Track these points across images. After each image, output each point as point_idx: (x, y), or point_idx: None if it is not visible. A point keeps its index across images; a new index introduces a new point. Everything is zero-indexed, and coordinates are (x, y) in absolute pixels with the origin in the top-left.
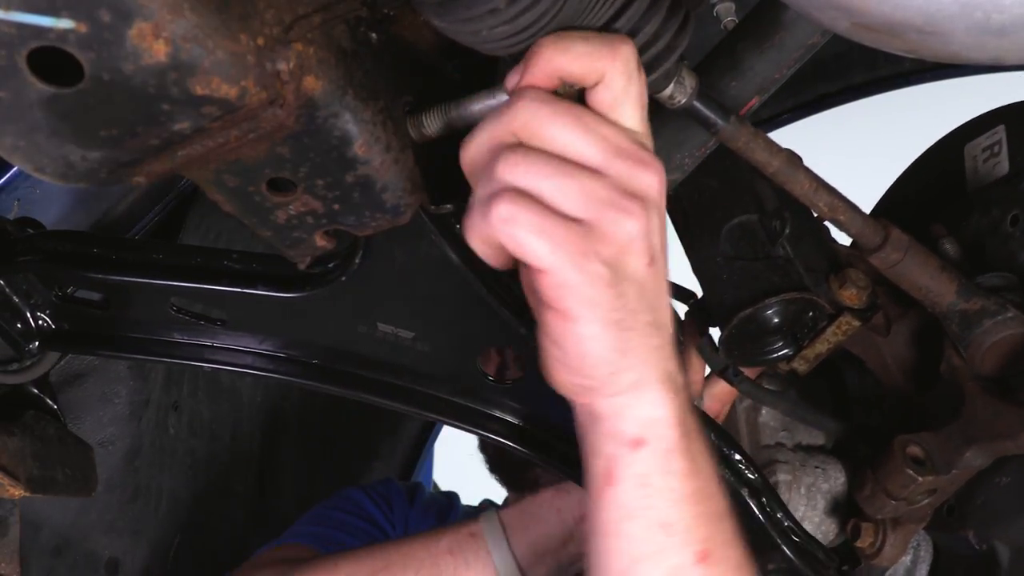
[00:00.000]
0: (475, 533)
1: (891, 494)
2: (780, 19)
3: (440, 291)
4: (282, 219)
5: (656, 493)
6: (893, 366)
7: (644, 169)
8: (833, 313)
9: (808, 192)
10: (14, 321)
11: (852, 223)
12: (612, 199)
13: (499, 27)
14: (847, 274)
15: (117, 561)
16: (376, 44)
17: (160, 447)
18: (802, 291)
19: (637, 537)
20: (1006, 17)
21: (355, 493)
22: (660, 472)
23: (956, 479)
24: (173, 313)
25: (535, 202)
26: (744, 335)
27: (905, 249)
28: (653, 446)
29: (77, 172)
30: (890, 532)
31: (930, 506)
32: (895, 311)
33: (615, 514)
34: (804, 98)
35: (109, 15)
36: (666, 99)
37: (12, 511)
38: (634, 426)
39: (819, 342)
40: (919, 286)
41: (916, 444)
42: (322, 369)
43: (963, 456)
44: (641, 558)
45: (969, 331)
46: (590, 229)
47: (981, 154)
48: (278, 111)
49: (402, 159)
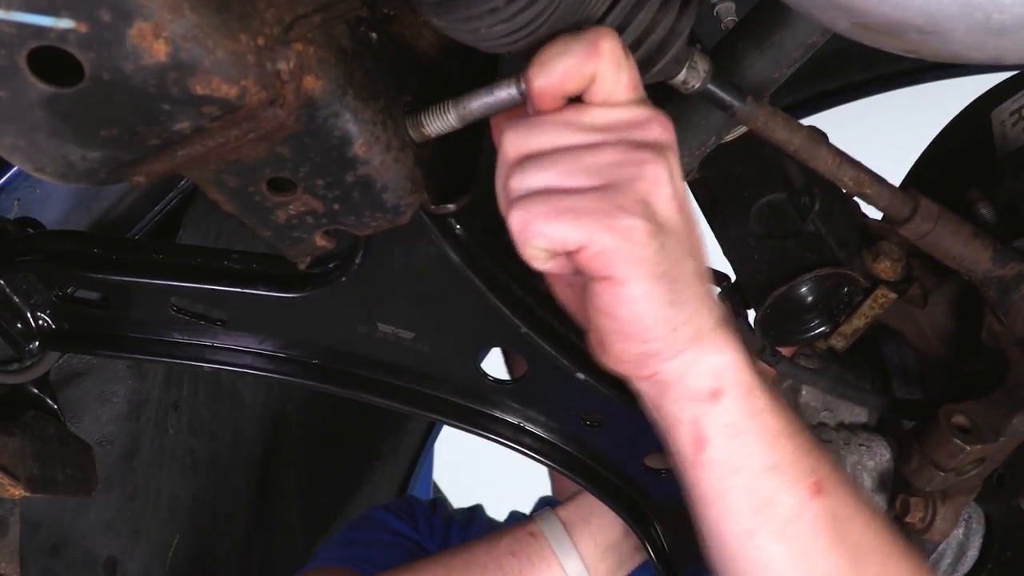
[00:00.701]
0: (535, 533)
1: (939, 465)
2: (780, 18)
3: (440, 291)
4: (282, 219)
5: (751, 438)
6: (933, 337)
7: (645, 125)
8: (868, 287)
9: (832, 168)
10: (14, 321)
11: (879, 196)
12: (620, 159)
13: (498, 25)
14: (880, 247)
15: (115, 561)
16: (376, 44)
17: (159, 447)
18: (836, 266)
19: (749, 489)
20: (1006, 17)
21: (376, 512)
22: (748, 415)
23: (1004, 447)
24: (173, 313)
25: (544, 193)
26: (779, 314)
27: (935, 218)
28: (732, 392)
29: (77, 172)
30: (940, 506)
31: (979, 476)
32: (931, 281)
33: (717, 474)
34: (803, 97)
35: (109, 15)
36: (680, 84)
37: (12, 511)
38: (708, 379)
39: (856, 317)
40: (953, 255)
41: (961, 413)
42: (322, 369)
43: (1010, 423)
44: (760, 508)
45: (1007, 296)
46: (607, 189)
47: (1009, 119)
48: (278, 111)
49: (402, 159)
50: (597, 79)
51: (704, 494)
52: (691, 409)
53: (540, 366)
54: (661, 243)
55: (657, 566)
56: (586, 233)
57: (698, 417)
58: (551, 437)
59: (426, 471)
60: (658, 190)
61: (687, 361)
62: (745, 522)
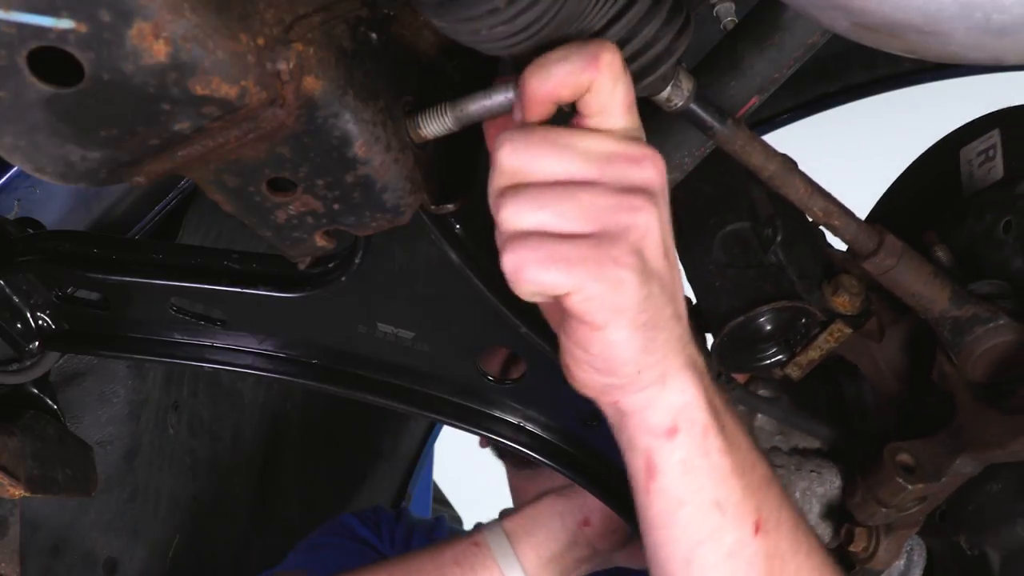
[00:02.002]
0: (479, 543)
1: (882, 501)
2: (780, 19)
3: (440, 291)
4: (282, 219)
5: (701, 475)
6: (887, 372)
7: (639, 164)
8: (825, 320)
9: (803, 197)
10: (14, 321)
11: (846, 228)
12: (614, 203)
13: (499, 27)
14: (840, 280)
15: (115, 561)
16: (376, 44)
17: (159, 447)
18: (793, 299)
19: (692, 521)
20: (1006, 17)
21: (346, 519)
22: (700, 454)
23: (947, 486)
24: (173, 313)
25: (538, 237)
26: (737, 342)
27: (899, 255)
28: (687, 431)
29: (77, 172)
30: (883, 537)
31: (921, 512)
32: (889, 317)
33: (665, 504)
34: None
35: (109, 15)
36: (663, 102)
37: (12, 511)
38: (666, 416)
39: (812, 348)
40: (912, 292)
41: (906, 452)
42: (322, 369)
43: (953, 464)
44: (701, 541)
45: (961, 338)
46: (601, 238)
47: (976, 158)
48: (278, 111)
49: (402, 159)
50: (592, 90)
51: (651, 520)
52: (646, 441)
53: (540, 366)
54: (647, 292)
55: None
56: (576, 282)
57: (652, 449)
58: (551, 437)
59: (426, 471)
60: (649, 239)
61: (648, 397)
62: (685, 552)
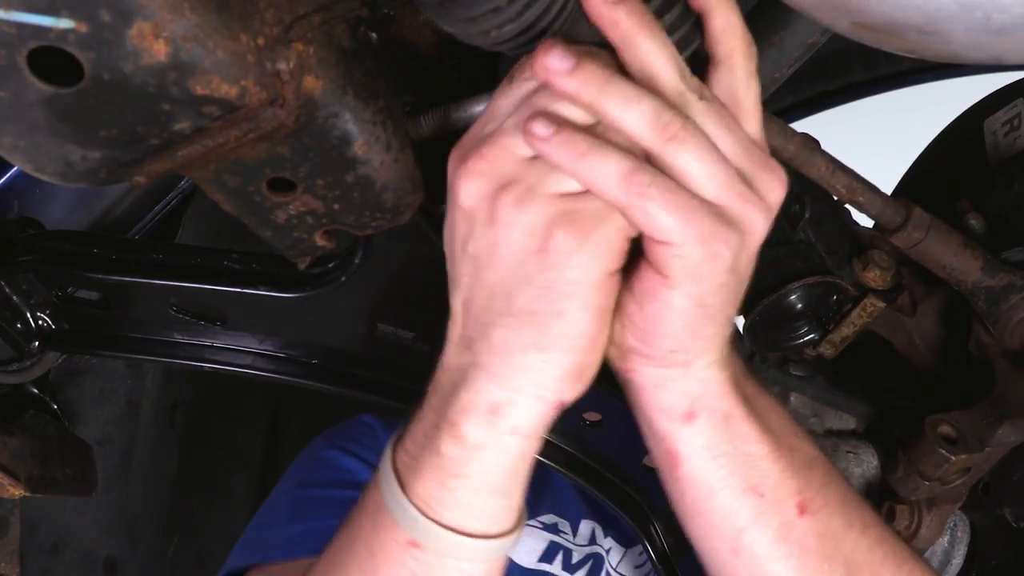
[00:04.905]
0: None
1: (924, 475)
2: (780, 18)
3: (440, 291)
4: (282, 219)
5: (730, 460)
6: (922, 346)
7: (773, 173)
8: (857, 295)
9: (825, 175)
10: (14, 321)
11: (872, 204)
12: (745, 192)
13: (507, 26)
14: (870, 255)
15: (115, 560)
16: (376, 44)
17: (158, 446)
18: (824, 275)
19: (730, 508)
20: (1006, 17)
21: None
22: (724, 440)
23: (990, 457)
24: (173, 313)
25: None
26: (768, 322)
27: (927, 228)
28: (707, 418)
29: (77, 172)
30: (925, 514)
31: (964, 485)
32: (921, 290)
33: (696, 492)
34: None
35: (109, 15)
36: None
37: (12, 511)
38: (683, 400)
39: (844, 325)
40: (943, 264)
41: (947, 423)
42: (322, 369)
43: (995, 433)
44: (743, 528)
45: (996, 307)
46: (721, 213)
47: (1000, 128)
48: (278, 111)
49: (402, 159)
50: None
51: (688, 509)
52: (665, 424)
53: None
54: (726, 282)
55: (657, 566)
56: (685, 234)
57: (671, 434)
58: (551, 437)
59: None
60: (751, 240)
61: (665, 376)
62: (731, 540)
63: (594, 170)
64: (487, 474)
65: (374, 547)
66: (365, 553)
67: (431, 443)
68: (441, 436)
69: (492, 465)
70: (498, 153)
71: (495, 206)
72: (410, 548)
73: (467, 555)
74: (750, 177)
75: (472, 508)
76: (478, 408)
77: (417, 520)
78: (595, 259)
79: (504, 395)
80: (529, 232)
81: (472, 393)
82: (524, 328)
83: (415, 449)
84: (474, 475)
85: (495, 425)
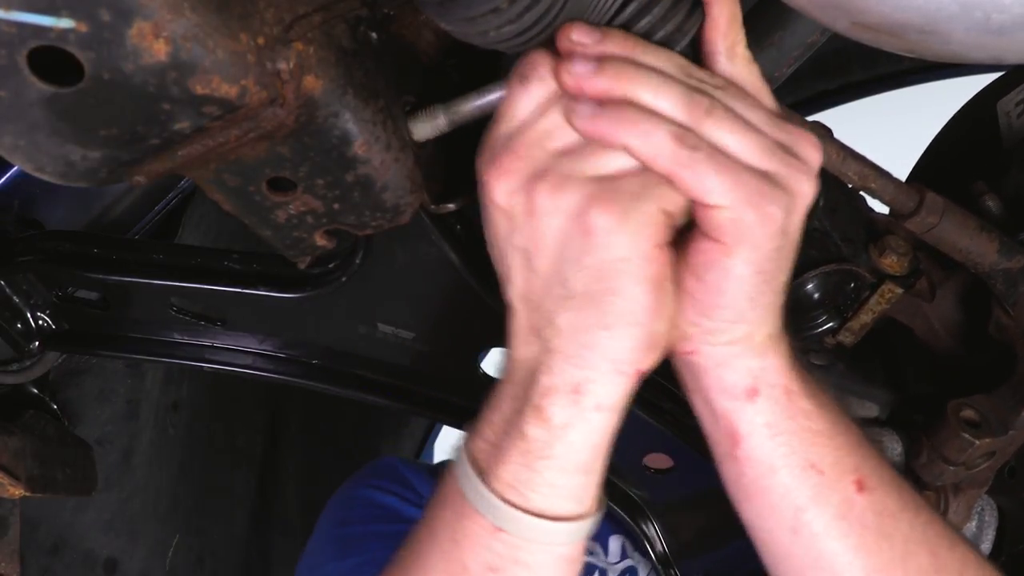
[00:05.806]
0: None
1: (949, 460)
2: (779, 18)
3: (440, 291)
4: (282, 219)
5: (790, 438)
6: (941, 331)
7: (805, 138)
8: (875, 282)
9: (837, 162)
10: (14, 321)
11: (884, 190)
12: (786, 157)
13: (506, 26)
14: (886, 241)
15: (115, 560)
16: (376, 44)
17: (159, 446)
18: (840, 262)
19: (790, 486)
20: (1006, 17)
21: (360, 492)
22: (786, 417)
23: (1014, 440)
24: (173, 313)
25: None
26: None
27: (941, 212)
28: (768, 394)
29: (77, 171)
30: (952, 499)
31: (990, 469)
32: (939, 275)
33: (757, 471)
34: (804, 96)
35: (109, 14)
36: None
37: (12, 510)
38: (745, 377)
39: (863, 312)
40: (959, 248)
41: (970, 407)
42: (322, 369)
43: (1019, 415)
44: (804, 506)
45: (1015, 289)
46: (767, 177)
47: (1015, 109)
48: (278, 110)
49: (402, 159)
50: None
51: (745, 489)
52: (725, 403)
53: None
54: (781, 244)
55: (656, 565)
56: (736, 197)
57: (732, 412)
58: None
59: None
60: (799, 203)
61: (727, 355)
62: (790, 520)
63: (647, 137)
64: (573, 452)
65: (458, 535)
66: (449, 541)
67: (515, 428)
68: (526, 420)
69: (579, 443)
70: (530, 148)
71: (532, 198)
72: (496, 532)
73: (553, 538)
74: (786, 143)
75: (558, 488)
76: (561, 389)
77: (499, 508)
78: (637, 234)
79: (583, 374)
80: (569, 216)
81: (552, 376)
82: (586, 309)
83: (496, 437)
84: (560, 455)
85: (579, 404)
